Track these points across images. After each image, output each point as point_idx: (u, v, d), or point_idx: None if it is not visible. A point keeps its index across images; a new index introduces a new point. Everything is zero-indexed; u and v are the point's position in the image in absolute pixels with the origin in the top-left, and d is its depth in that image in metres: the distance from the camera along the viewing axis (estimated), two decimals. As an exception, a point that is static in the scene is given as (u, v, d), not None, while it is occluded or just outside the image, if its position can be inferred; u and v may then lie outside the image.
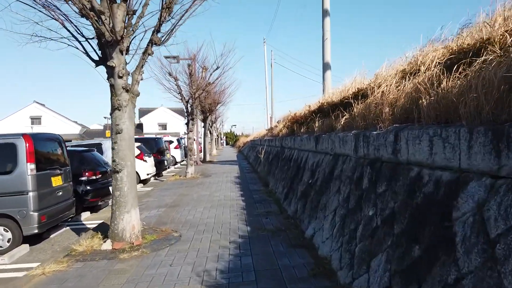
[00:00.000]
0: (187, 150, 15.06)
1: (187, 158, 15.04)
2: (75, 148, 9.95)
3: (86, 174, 9.08)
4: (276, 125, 17.95)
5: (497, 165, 2.18)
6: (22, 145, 6.41)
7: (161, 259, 4.90)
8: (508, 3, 3.44)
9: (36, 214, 6.32)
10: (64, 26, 5.75)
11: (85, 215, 9.07)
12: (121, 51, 5.50)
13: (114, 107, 5.65)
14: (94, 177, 9.20)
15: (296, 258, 4.67)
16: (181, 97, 15.00)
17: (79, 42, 5.90)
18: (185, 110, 15.39)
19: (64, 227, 7.95)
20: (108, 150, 12.10)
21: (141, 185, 14.43)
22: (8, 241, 6.19)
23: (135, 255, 5.11)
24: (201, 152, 26.38)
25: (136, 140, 17.79)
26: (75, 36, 5.83)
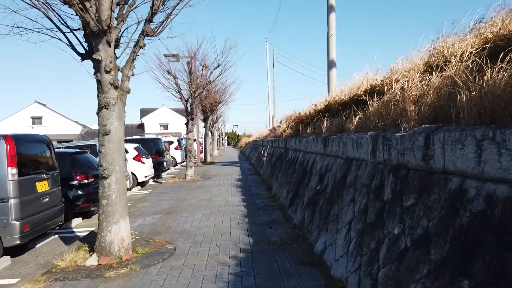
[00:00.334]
0: (187, 151, 14.45)
1: (186, 160, 14.44)
2: (66, 150, 9.33)
3: (78, 177, 8.50)
4: (279, 125, 17.34)
5: None
6: (2, 148, 5.85)
7: (151, 278, 4.30)
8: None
9: (18, 223, 5.76)
10: (47, 16, 5.18)
11: (77, 221, 8.49)
12: (109, 43, 4.92)
13: (101, 106, 5.07)
14: (86, 181, 8.62)
15: (306, 279, 4.06)
16: (180, 96, 14.41)
17: (63, 33, 5.33)
18: (184, 110, 14.78)
19: (52, 235, 7.38)
20: (103, 152, 11.51)
21: (138, 187, 13.86)
22: (-14, 254, 5.63)
23: (123, 272, 4.52)
24: (202, 153, 25.80)
25: (134, 140, 17.42)
26: (58, 27, 5.26)
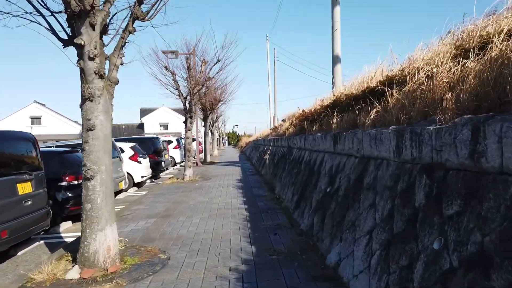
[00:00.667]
0: (185, 150, 13.85)
1: (185, 160, 13.84)
2: (54, 149, 8.72)
3: (67, 178, 7.90)
4: (281, 124, 16.76)
5: None
6: (-23, 146, 5.28)
7: (138, 296, 3.72)
8: None
9: (-6, 229, 5.19)
10: (24, -3, 4.61)
11: (66, 225, 7.90)
12: (92, 26, 4.32)
13: (84, 97, 4.47)
14: (76, 182, 8.01)
15: (319, 298, 3.48)
16: (178, 93, 13.80)
17: (43, 16, 4.74)
18: (183, 108, 14.17)
19: (37, 241, 6.79)
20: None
21: (135, 188, 13.27)
22: (-42, 264, 5.05)
23: (107, 288, 3.93)
24: (201, 152, 25.20)
25: (131, 140, 16.82)
26: (37, 9, 4.67)
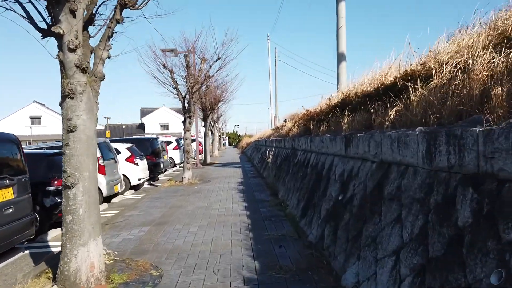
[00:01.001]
0: (184, 151, 13.30)
1: (184, 161, 13.30)
2: (42, 151, 8.17)
3: (55, 182, 7.38)
4: (283, 124, 16.20)
5: None
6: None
7: (123, 326, 3.18)
8: None
9: (-32, 241, 4.67)
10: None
11: (54, 233, 7.34)
12: (72, 12, 3.77)
13: (64, 94, 3.93)
14: (66, 186, 7.49)
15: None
16: (177, 92, 13.25)
17: (20, 3, 4.21)
18: (181, 107, 13.63)
19: (22, 251, 6.25)
20: (91, 153, 10.38)
21: (131, 191, 12.74)
22: None
23: (87, 315, 3.39)
24: (201, 153, 24.66)
25: (128, 140, 16.27)
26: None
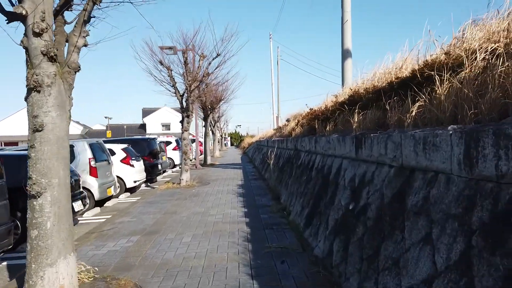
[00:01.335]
0: (182, 152, 12.72)
1: (181, 163, 12.72)
2: (23, 153, 7.52)
3: (39, 186, 6.79)
4: (286, 124, 15.59)
5: None
6: None
7: None
8: None
9: None
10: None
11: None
12: (37, -11, 3.20)
13: (29, 87, 3.35)
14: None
15: None
16: (175, 90, 12.67)
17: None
18: (179, 106, 13.04)
19: (-2, 263, 5.70)
20: (82, 154, 9.83)
21: (127, 194, 12.17)
22: None
23: None
24: (202, 153, 24.08)
25: (124, 141, 15.65)
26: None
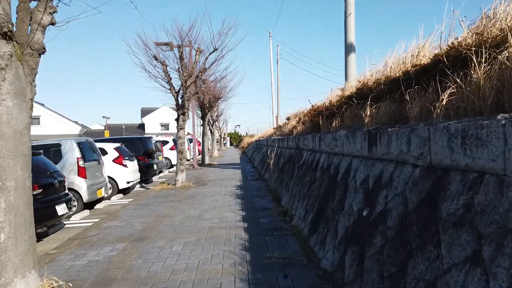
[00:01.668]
0: (177, 152, 12.12)
1: (176, 163, 12.13)
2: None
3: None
4: (286, 122, 15.02)
5: None
6: None
7: None
8: None
9: None
10: None
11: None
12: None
13: (-22, 71, 2.77)
14: (38, 192, 6.34)
15: None
16: (170, 86, 12.08)
17: None
18: (175, 103, 12.45)
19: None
20: (69, 153, 9.27)
21: (120, 195, 11.58)
22: None
23: None
24: (200, 153, 23.49)
25: (118, 140, 15.05)
26: None
